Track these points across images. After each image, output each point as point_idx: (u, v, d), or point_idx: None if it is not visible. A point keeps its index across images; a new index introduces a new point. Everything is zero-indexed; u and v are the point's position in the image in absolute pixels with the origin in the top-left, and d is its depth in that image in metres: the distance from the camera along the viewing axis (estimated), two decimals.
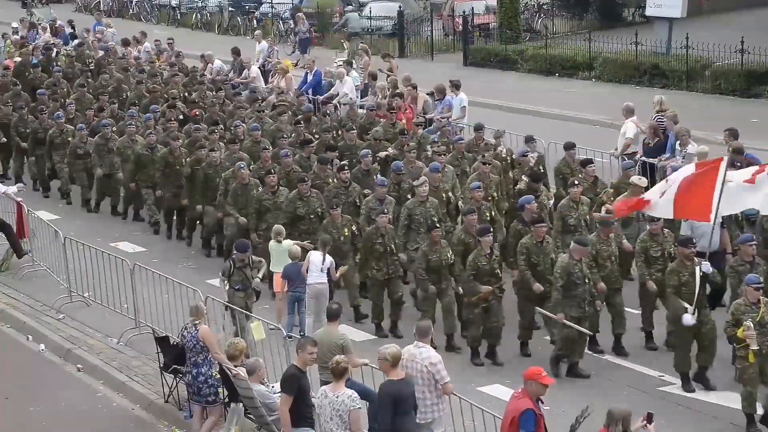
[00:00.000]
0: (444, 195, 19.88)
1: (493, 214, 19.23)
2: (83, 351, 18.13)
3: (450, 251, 17.50)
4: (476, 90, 31.87)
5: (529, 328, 17.36)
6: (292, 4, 47.46)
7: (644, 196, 17.27)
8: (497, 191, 20.24)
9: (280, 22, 46.43)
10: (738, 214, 18.14)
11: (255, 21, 47.55)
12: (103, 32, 37.96)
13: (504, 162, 21.70)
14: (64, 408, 16.60)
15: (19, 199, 22.02)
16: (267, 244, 19.08)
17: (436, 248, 17.39)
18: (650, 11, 37.97)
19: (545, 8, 45.08)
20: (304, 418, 13.17)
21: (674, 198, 16.38)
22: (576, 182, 19.11)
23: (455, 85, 27.07)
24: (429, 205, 18.90)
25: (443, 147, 22.05)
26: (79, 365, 17.77)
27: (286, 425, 13.08)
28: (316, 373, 14.31)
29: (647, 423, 12.00)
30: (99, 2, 54.15)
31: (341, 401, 12.51)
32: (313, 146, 22.33)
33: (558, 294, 16.43)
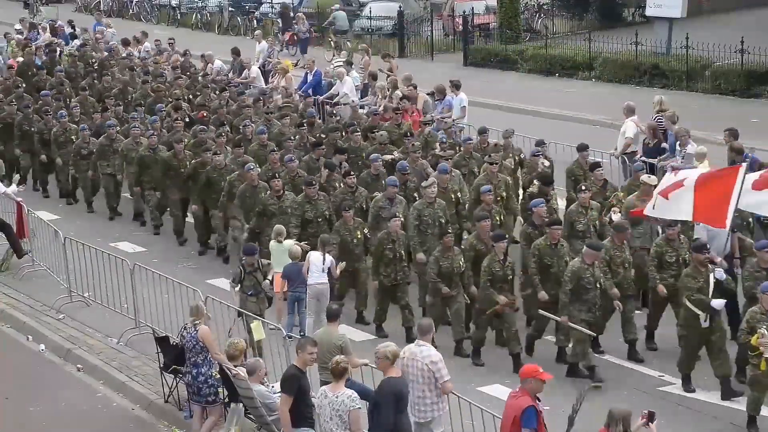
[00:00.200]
0: (453, 196, 19.78)
1: (502, 218, 19.09)
2: (83, 351, 18.13)
3: (462, 258, 17.35)
4: (476, 90, 31.87)
5: (543, 329, 17.20)
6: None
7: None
8: (506, 191, 20.08)
9: (281, 22, 46.43)
10: (750, 219, 17.93)
11: (255, 21, 47.56)
12: (103, 32, 37.97)
13: (513, 161, 21.62)
14: (64, 408, 16.60)
15: (19, 199, 22.02)
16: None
17: (449, 255, 17.22)
18: (650, 11, 37.97)
19: (545, 8, 45.10)
20: (304, 418, 13.17)
21: (694, 200, 16.25)
22: (584, 187, 18.85)
23: (455, 85, 27.06)
24: (437, 207, 18.77)
25: (451, 151, 21.87)
26: (79, 365, 17.77)
27: (286, 425, 13.08)
28: (316, 373, 14.31)
29: (648, 422, 12.00)
30: (99, 2, 54.15)
31: (341, 401, 12.51)
32: (323, 149, 22.19)
33: (565, 297, 16.29)
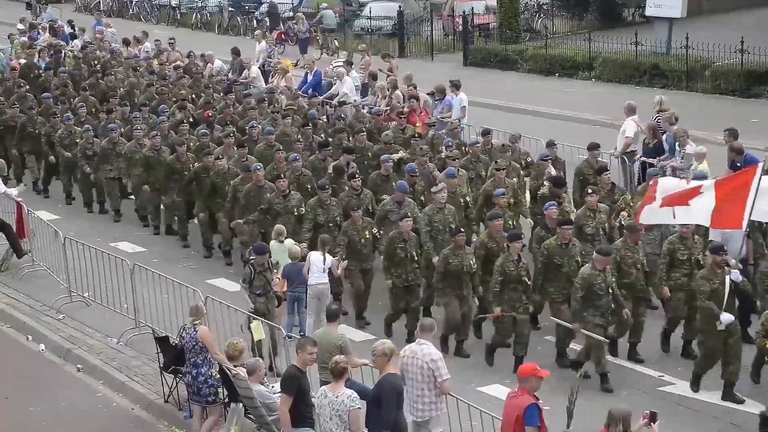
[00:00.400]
0: (461, 200, 19.66)
1: (514, 223, 18.98)
2: (83, 351, 18.13)
3: (473, 258, 17.22)
4: (476, 90, 31.89)
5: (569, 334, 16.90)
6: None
7: (645, 207, 16.90)
8: (514, 195, 19.85)
9: (281, 22, 46.44)
10: (764, 223, 17.75)
11: (255, 21, 47.56)
12: (103, 32, 37.96)
13: (520, 165, 21.52)
14: (64, 408, 16.60)
15: (20, 199, 22.01)
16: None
17: (459, 252, 17.10)
18: (650, 11, 37.99)
19: (545, 8, 45.14)
20: (304, 418, 13.17)
21: (713, 206, 16.09)
22: (590, 191, 18.65)
23: (455, 85, 27.07)
24: (447, 212, 18.60)
25: (457, 151, 21.80)
26: (79, 365, 17.77)
27: (286, 425, 13.08)
28: (316, 373, 14.32)
29: (650, 422, 11.99)
30: (99, 2, 54.16)
31: (341, 401, 12.51)
32: (330, 149, 22.11)
33: (577, 304, 16.13)
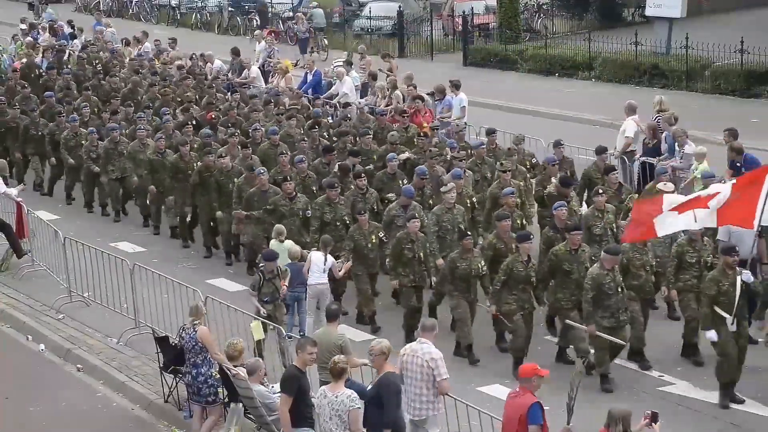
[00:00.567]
0: (468, 201, 19.54)
1: (524, 222, 18.93)
2: (83, 351, 18.13)
3: (481, 261, 17.12)
4: (476, 90, 31.89)
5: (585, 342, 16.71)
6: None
7: (655, 220, 16.44)
8: (520, 197, 19.74)
9: (280, 22, 46.45)
10: None
11: (255, 21, 47.56)
12: (102, 32, 37.97)
13: (525, 166, 21.40)
14: (64, 408, 16.60)
15: (19, 199, 22.01)
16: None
17: (467, 256, 17.00)
18: (650, 11, 37.98)
19: (545, 8, 45.12)
20: (304, 418, 13.17)
21: (717, 209, 15.92)
22: (600, 191, 18.59)
23: (455, 85, 27.06)
24: (456, 212, 18.58)
25: (463, 153, 21.70)
26: (79, 365, 17.77)
27: (286, 425, 13.08)
28: (316, 373, 14.32)
29: (652, 422, 11.99)
30: (99, 2, 54.16)
31: (340, 401, 12.52)
32: (335, 153, 21.98)
33: (588, 306, 16.03)
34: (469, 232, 17.72)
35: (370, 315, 18.50)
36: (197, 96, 28.02)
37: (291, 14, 46.46)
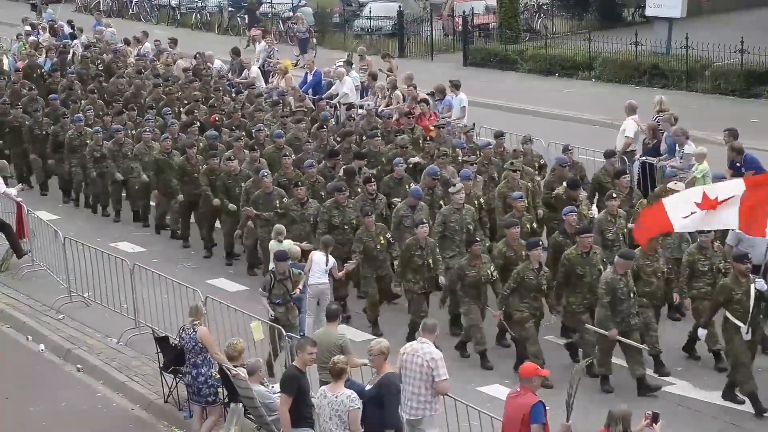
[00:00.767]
0: (476, 202, 19.34)
1: (535, 226, 18.81)
2: (83, 351, 18.14)
3: (491, 267, 17.00)
4: (476, 90, 31.88)
5: (593, 346, 16.54)
6: (292, 4, 47.48)
7: (668, 213, 16.00)
8: (527, 198, 19.51)
9: (280, 22, 46.44)
10: None
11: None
12: (102, 32, 37.94)
13: (533, 168, 21.27)
14: (64, 408, 16.61)
15: (19, 200, 22.01)
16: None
17: (476, 263, 16.87)
18: (650, 11, 37.98)
19: (545, 8, 45.11)
20: (304, 419, 13.18)
21: (740, 209, 15.53)
22: (614, 195, 18.41)
23: (455, 85, 27.04)
24: (465, 213, 18.45)
25: (474, 156, 21.51)
26: (79, 365, 17.77)
27: (286, 425, 13.09)
28: (316, 373, 14.32)
29: (652, 423, 11.98)
30: (99, 2, 54.14)
31: (340, 401, 12.52)
32: (340, 158, 21.81)
33: (605, 310, 15.87)
34: (478, 238, 17.47)
35: (373, 319, 18.46)
36: (203, 97, 27.95)
37: (291, 14, 46.45)
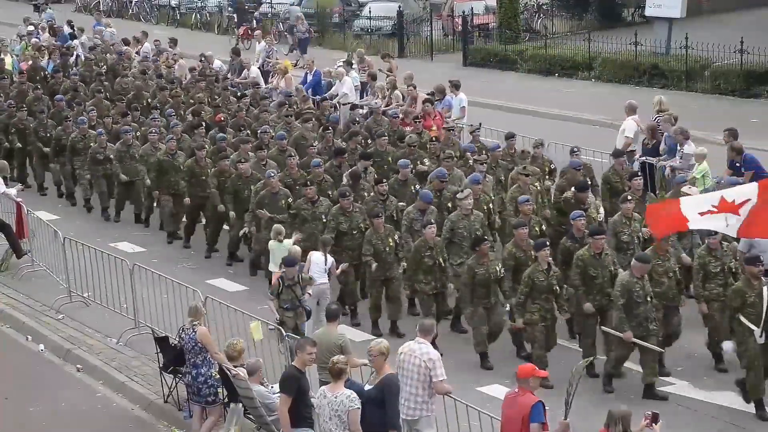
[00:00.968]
0: (485, 207, 19.17)
1: (543, 228, 18.68)
2: (83, 351, 18.13)
3: (498, 265, 16.96)
4: (476, 90, 31.88)
5: (593, 346, 16.55)
6: (291, 4, 47.50)
7: (684, 212, 15.66)
8: (536, 201, 19.45)
9: (280, 23, 46.46)
10: None
11: (254, 21, 47.55)
12: (101, 32, 37.91)
13: (542, 171, 21.12)
14: (64, 408, 16.60)
15: (19, 200, 22.01)
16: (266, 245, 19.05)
17: (484, 261, 16.84)
18: (650, 11, 38.03)
19: (545, 8, 45.13)
20: (304, 419, 13.17)
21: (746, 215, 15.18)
22: (629, 197, 18.24)
23: (455, 85, 27.05)
24: (473, 219, 18.26)
25: (484, 156, 21.27)
26: (79, 365, 17.76)
27: (286, 426, 13.08)
28: (316, 374, 14.32)
29: (652, 423, 11.98)
30: (99, 2, 54.14)
31: (340, 401, 12.51)
32: (346, 156, 21.71)
33: (620, 312, 15.73)
34: (487, 238, 17.42)
35: (374, 320, 18.46)
36: (208, 98, 27.91)
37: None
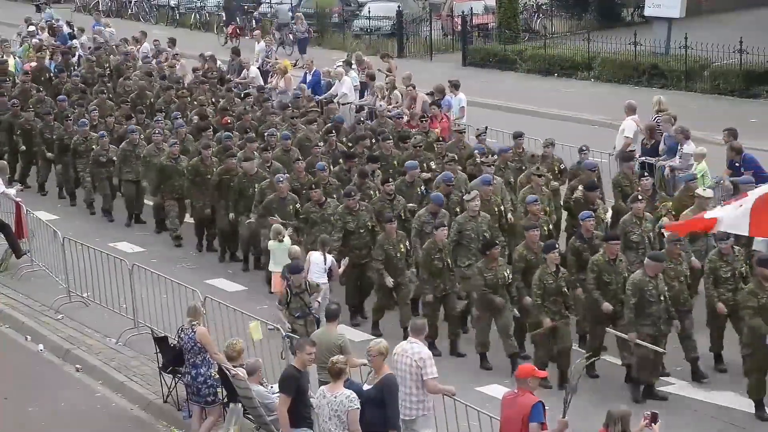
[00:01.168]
0: (496, 209, 19.03)
1: (551, 229, 18.61)
2: (82, 351, 18.13)
3: (507, 270, 16.89)
4: (475, 90, 31.89)
5: (599, 348, 16.53)
6: (291, 4, 47.52)
7: (713, 215, 15.18)
8: (543, 202, 19.14)
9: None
10: None
11: (254, 21, 47.55)
12: (101, 32, 37.88)
13: (552, 172, 20.99)
14: (64, 408, 16.60)
15: (18, 200, 22.01)
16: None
17: (493, 266, 16.77)
18: (649, 11, 38.03)
19: (544, 8, 45.14)
20: (303, 419, 13.17)
21: (750, 214, 14.65)
22: (640, 197, 18.14)
23: (454, 85, 27.05)
24: (481, 221, 18.15)
25: (493, 157, 21.11)
26: (78, 365, 17.76)
27: (285, 426, 13.09)
28: (315, 374, 14.31)
29: (652, 423, 11.97)
30: (98, 2, 54.14)
31: (339, 401, 12.51)
32: (356, 160, 21.49)
33: (630, 312, 15.66)
34: (497, 243, 17.29)
35: (375, 321, 18.43)
36: (211, 99, 27.85)
37: (290, 14, 46.44)
